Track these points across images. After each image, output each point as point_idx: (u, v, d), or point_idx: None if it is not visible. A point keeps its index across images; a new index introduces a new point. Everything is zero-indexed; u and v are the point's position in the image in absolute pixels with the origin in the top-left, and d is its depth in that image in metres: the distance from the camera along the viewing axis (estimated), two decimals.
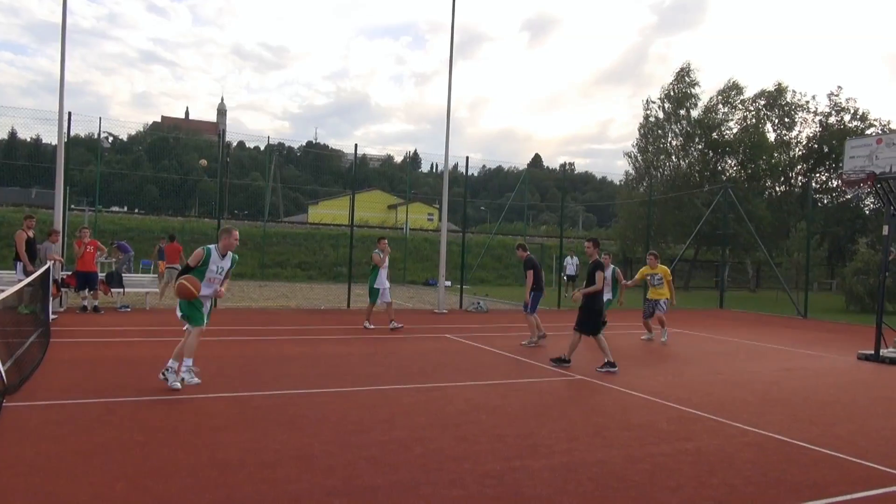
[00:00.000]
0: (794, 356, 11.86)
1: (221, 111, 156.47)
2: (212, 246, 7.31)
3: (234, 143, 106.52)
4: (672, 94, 37.42)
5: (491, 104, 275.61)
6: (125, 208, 46.91)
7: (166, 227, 32.75)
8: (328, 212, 56.69)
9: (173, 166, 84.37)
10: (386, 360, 9.86)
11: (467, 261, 27.47)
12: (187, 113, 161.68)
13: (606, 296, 11.67)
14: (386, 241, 13.92)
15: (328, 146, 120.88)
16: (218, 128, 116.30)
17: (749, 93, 38.61)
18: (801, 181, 38.83)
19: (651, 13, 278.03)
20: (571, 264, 26.18)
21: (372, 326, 13.34)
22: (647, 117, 38.53)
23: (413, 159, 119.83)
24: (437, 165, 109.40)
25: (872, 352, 11.58)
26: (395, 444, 5.41)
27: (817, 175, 38.72)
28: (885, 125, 36.11)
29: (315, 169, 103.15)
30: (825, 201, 38.58)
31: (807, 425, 6.68)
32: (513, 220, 53.48)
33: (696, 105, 37.31)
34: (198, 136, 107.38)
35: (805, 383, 9.17)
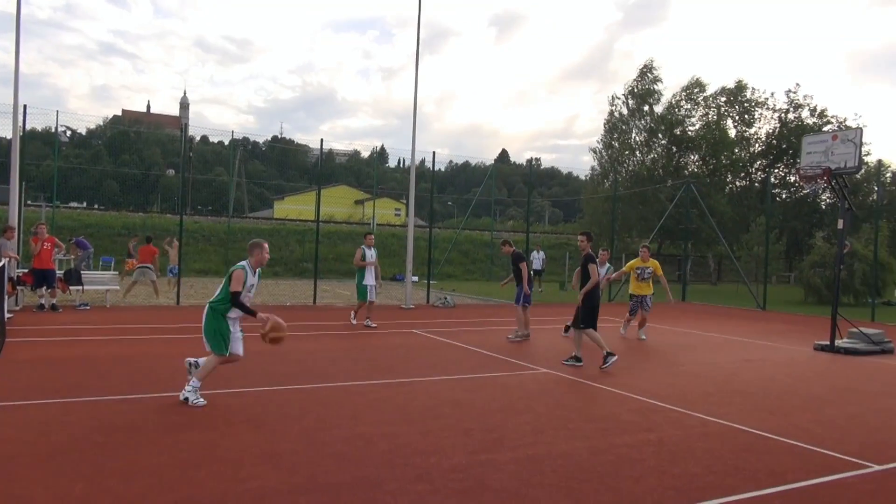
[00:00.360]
0: (754, 347, 12.13)
1: (184, 105, 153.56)
2: (244, 263, 6.72)
3: (198, 138, 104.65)
4: (636, 90, 37.86)
5: (458, 99, 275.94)
6: (84, 204, 45.77)
7: (127, 224, 32.11)
8: (294, 207, 56.14)
9: (134, 161, 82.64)
10: (352, 355, 9.82)
11: (434, 256, 27.47)
12: (149, 107, 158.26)
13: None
14: (373, 237, 13.74)
15: (294, 141, 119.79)
16: (180, 122, 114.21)
17: (711, 90, 39.34)
18: (760, 177, 39.68)
19: (617, 10, 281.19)
20: (538, 259, 26.40)
21: (356, 322, 13.33)
22: (611, 113, 38.95)
23: (380, 154, 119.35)
24: (404, 160, 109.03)
25: (828, 342, 11.90)
26: (360, 440, 5.39)
27: (776, 171, 39.61)
28: (841, 122, 37.11)
29: (281, 164, 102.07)
30: (784, 196, 39.51)
31: (765, 414, 6.84)
32: (480, 215, 53.64)
33: (659, 101, 37.84)
34: (160, 131, 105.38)
35: (764, 374, 9.39)
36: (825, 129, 34.97)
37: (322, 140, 18.75)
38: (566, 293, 24.37)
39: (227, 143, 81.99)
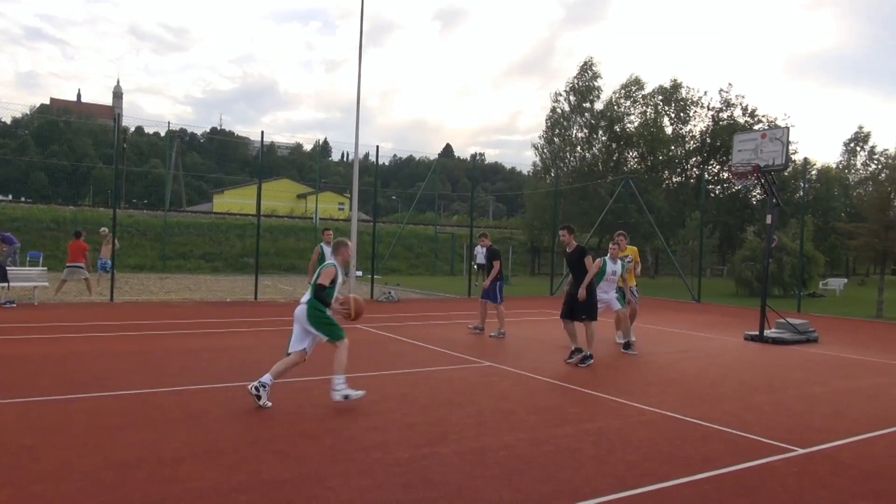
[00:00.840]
0: (689, 339, 12.56)
1: (117, 94, 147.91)
2: (334, 261, 6.80)
3: (132, 129, 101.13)
4: (577, 87, 38.55)
5: (402, 93, 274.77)
6: (10, 197, 43.69)
7: (56, 218, 30.82)
8: (234, 201, 54.95)
9: (64, 152, 79.31)
10: None
11: (378, 251, 27.35)
12: (79, 95, 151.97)
13: (610, 293, 10.32)
14: (331, 233, 13.06)
15: (234, 133, 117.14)
16: (114, 111, 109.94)
17: (649, 88, 40.39)
18: (695, 173, 40.98)
19: (559, 7, 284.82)
20: (481, 253, 26.54)
21: None
22: (553, 109, 39.54)
23: (323, 148, 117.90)
24: (347, 154, 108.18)
25: (758, 333, 12.42)
26: (303, 436, 5.34)
27: (710, 167, 40.98)
28: (770, 121, 38.65)
29: (220, 156, 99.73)
30: (717, 192, 40.91)
31: (699, 403, 7.10)
32: (424, 209, 53.69)
33: (599, 98, 38.62)
34: (91, 120, 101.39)
35: (698, 364, 9.74)
36: (756, 127, 36.36)
37: (263, 132, 18.42)
38: (510, 287, 24.67)
39: (163, 134, 79.39)
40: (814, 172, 44.87)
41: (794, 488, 4.54)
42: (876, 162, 50.73)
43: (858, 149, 51.97)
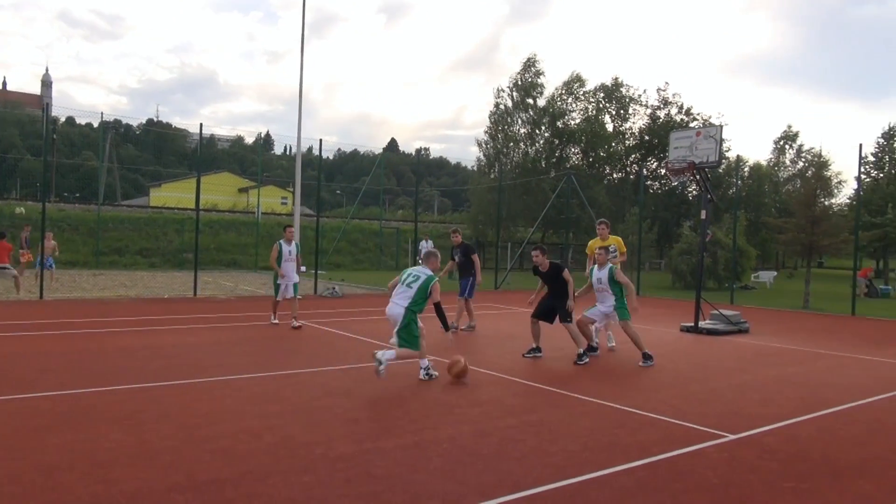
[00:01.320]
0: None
1: (46, 83, 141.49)
2: (432, 273, 7.70)
3: (63, 119, 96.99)
4: (520, 83, 38.90)
5: (347, 86, 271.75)
6: None
7: None
8: (172, 195, 53.39)
9: None
10: (236, 349, 9.52)
11: (322, 246, 27.05)
12: (4, 83, 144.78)
13: (607, 303, 9.58)
14: (293, 230, 12.53)
15: (171, 125, 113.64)
16: (42, 101, 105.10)
17: (591, 85, 41.10)
18: (634, 169, 41.96)
19: (503, 3, 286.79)
20: (427, 248, 26.65)
21: (276, 322, 11.98)
22: (497, 105, 39.82)
23: (265, 141, 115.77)
24: (290, 147, 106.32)
25: (693, 324, 12.84)
26: (244, 434, 5.26)
27: (648, 164, 42.02)
28: (705, 119, 39.88)
29: (157, 149, 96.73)
30: (655, 188, 41.99)
31: (636, 393, 7.31)
32: (368, 204, 53.36)
33: (542, 94, 39.08)
34: (18, 110, 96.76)
35: (636, 355, 9.96)
36: (691, 125, 37.47)
37: (202, 125, 17.95)
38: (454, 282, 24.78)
39: (96, 125, 76.44)
40: (746, 169, 46.59)
41: (724, 473, 4.73)
42: (803, 159, 53.04)
43: (787, 147, 54.22)
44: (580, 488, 4.32)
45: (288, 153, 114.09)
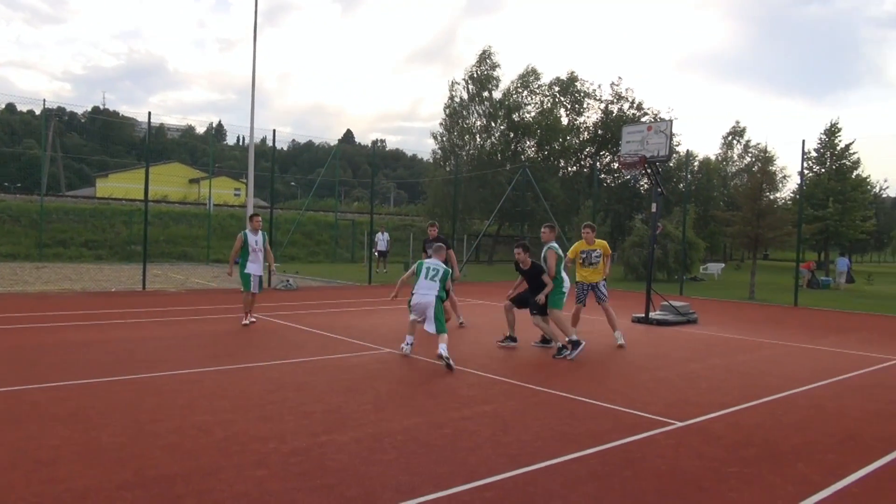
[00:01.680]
0: (580, 322, 13.05)
1: None
2: (439, 263, 8.71)
3: (2, 105, 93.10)
4: (475, 75, 38.99)
5: (301, 76, 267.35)
6: None
7: None
8: (120, 185, 51.88)
9: None
10: (186, 343, 9.33)
11: (277, 238, 26.68)
12: None
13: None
14: (259, 219, 11.58)
15: (118, 113, 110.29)
16: None
17: (546, 79, 41.45)
18: (589, 162, 42.55)
19: None
20: (382, 240, 26.66)
21: (252, 321, 11.15)
22: (452, 97, 39.84)
23: (217, 131, 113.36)
24: (243, 138, 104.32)
25: (643, 315, 13.12)
26: (194, 429, 5.17)
27: (602, 157, 42.66)
28: (656, 114, 40.65)
29: (103, 138, 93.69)
30: (608, 181, 42.68)
31: (587, 382, 7.44)
32: (324, 196, 52.84)
33: (497, 87, 39.24)
34: None
35: (588, 346, 10.14)
36: (643, 120, 38.15)
37: (150, 113, 17.46)
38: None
39: (38, 112, 73.59)
40: (696, 164, 47.74)
41: (671, 459, 4.86)
42: (750, 154, 54.64)
43: (735, 142, 55.76)
44: (533, 477, 4.39)
45: (241, 143, 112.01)
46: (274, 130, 20.23)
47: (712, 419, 6.00)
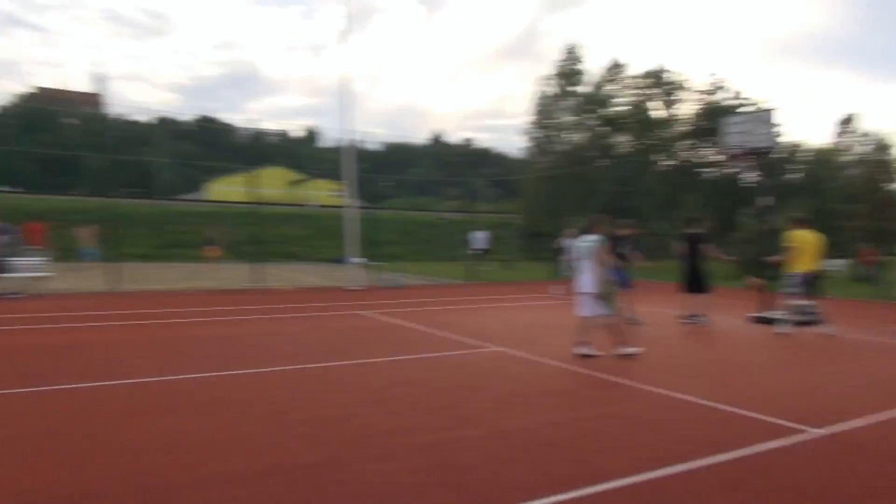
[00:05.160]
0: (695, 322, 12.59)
1: (101, 80, 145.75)
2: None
3: (119, 116, 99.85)
4: (562, 70, 38.43)
5: (390, 78, 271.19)
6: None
7: (50, 209, 30.51)
8: (227, 189, 54.65)
9: (56, 141, 78.35)
10: (306, 338, 9.73)
11: (378, 237, 27.28)
12: (60, 82, 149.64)
13: None
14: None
15: (222, 120, 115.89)
16: (98, 99, 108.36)
17: (636, 71, 40.22)
18: (686, 155, 40.84)
19: None
20: (480, 238, 26.76)
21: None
22: (540, 94, 39.40)
23: (315, 134, 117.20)
24: (340, 141, 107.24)
25: (763, 314, 12.48)
26: (322, 421, 5.37)
27: (701, 150, 40.81)
28: (757, 103, 38.45)
29: (211, 144, 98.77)
30: (710, 174, 40.79)
31: (709, 385, 7.13)
32: (419, 195, 53.59)
33: (583, 81, 38.50)
34: (76, 108, 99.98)
35: (708, 348, 9.80)
36: (743, 109, 36.26)
37: (253, 120, 18.33)
38: (513, 271, 24.80)
39: (151, 121, 78.80)
40: (807, 154, 44.86)
41: (809, 469, 4.60)
42: (865, 143, 50.73)
43: (848, 130, 51.98)
44: (661, 483, 4.25)
45: (337, 146, 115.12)
46: (364, 133, 20.72)
47: (855, 429, 5.61)
